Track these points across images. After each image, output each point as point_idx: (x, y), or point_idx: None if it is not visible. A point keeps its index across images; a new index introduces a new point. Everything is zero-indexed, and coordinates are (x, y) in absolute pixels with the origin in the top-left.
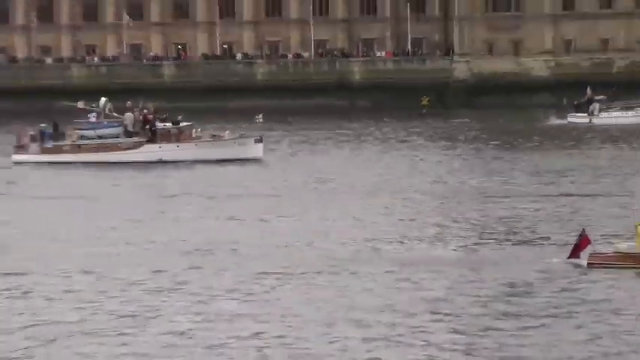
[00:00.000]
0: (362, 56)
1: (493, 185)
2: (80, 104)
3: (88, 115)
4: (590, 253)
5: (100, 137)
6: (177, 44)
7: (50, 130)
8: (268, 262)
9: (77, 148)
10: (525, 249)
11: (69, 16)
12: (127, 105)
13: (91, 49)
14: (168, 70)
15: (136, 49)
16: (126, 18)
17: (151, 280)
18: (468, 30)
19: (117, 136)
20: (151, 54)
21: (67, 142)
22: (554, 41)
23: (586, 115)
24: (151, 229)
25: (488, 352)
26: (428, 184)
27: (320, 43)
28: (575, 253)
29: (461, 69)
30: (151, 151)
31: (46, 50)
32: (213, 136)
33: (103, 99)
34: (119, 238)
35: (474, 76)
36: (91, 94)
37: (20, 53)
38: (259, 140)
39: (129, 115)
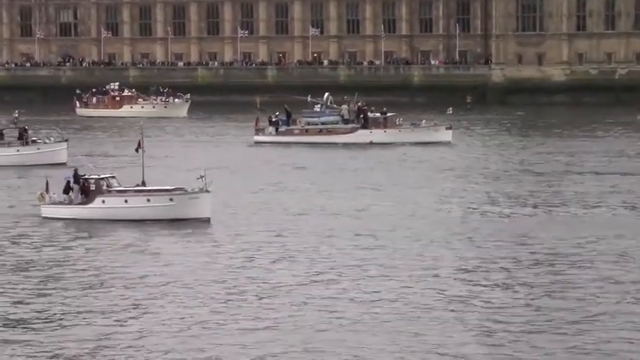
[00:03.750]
0: (420, 64)
1: None
2: (308, 98)
3: (314, 106)
4: None
5: (322, 124)
6: (278, 53)
7: (284, 117)
8: None
9: (304, 132)
10: None
11: (197, 30)
12: (344, 99)
13: (212, 56)
14: (271, 73)
15: (247, 56)
16: (241, 32)
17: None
18: (503, 44)
19: (336, 123)
20: (258, 60)
21: (297, 127)
22: (570, 54)
23: None
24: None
25: None
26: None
27: (388, 54)
28: None
29: (497, 74)
30: (363, 135)
31: (178, 56)
32: (413, 124)
33: (326, 94)
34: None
35: (507, 80)
36: (213, 89)
37: (159, 58)
38: (449, 128)
39: (345, 107)
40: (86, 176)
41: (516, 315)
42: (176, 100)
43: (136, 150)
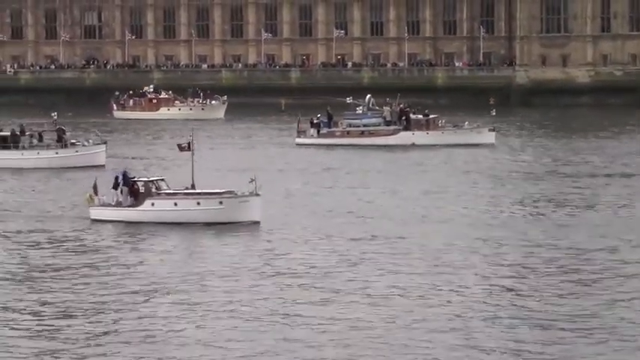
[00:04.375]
0: (444, 65)
1: None
2: (349, 99)
3: (356, 108)
4: None
5: (364, 125)
6: (302, 55)
7: (325, 119)
8: None
9: (346, 134)
10: None
11: (221, 32)
12: (386, 100)
13: (236, 58)
14: (294, 75)
15: (270, 58)
16: (264, 34)
17: None
18: (527, 46)
19: (378, 125)
20: (282, 62)
21: (339, 129)
22: (594, 55)
23: None
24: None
25: None
26: None
27: (412, 55)
28: None
29: (521, 76)
30: (405, 137)
31: (202, 58)
32: (455, 126)
33: (368, 95)
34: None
35: (531, 82)
36: (237, 91)
37: (183, 60)
38: (492, 130)
39: (387, 108)
40: (136, 178)
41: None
42: (213, 101)
43: (182, 149)
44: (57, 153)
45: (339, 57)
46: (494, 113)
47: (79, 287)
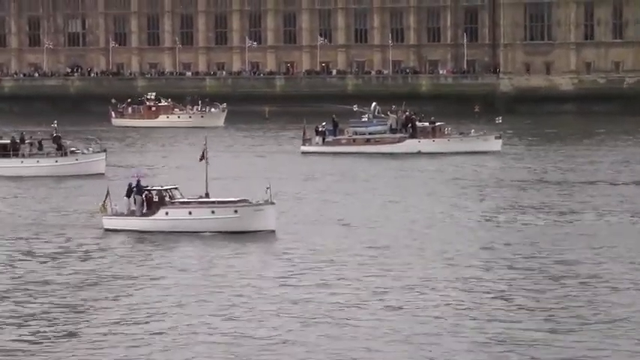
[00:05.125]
0: (428, 73)
1: None
2: (355, 107)
3: (361, 116)
4: None
5: (370, 133)
6: (286, 62)
7: (330, 127)
8: None
9: (352, 142)
10: None
11: (205, 40)
12: (392, 108)
13: (220, 66)
14: (279, 82)
15: (255, 66)
16: (249, 42)
17: None
18: (511, 54)
19: (384, 133)
20: (267, 70)
21: (344, 136)
22: (578, 63)
23: None
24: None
25: None
26: None
27: (396, 63)
28: None
29: (505, 84)
30: (411, 145)
31: (186, 66)
32: (461, 133)
33: (374, 103)
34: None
35: (515, 90)
36: (221, 98)
37: (167, 68)
38: (499, 137)
39: (393, 116)
40: (149, 187)
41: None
42: (212, 109)
43: (200, 159)
44: (57, 161)
45: (323, 64)
46: (499, 121)
47: (100, 299)
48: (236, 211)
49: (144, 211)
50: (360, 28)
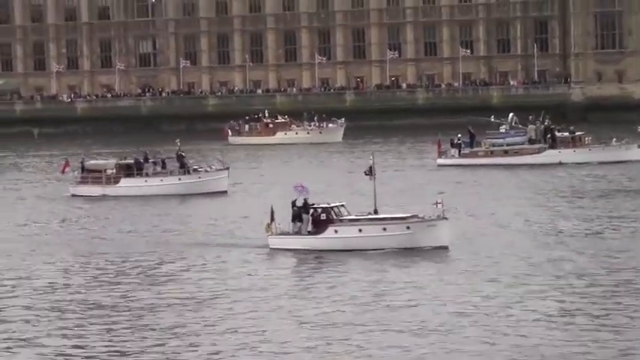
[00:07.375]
0: (499, 84)
1: None
2: (492, 118)
3: (499, 127)
4: None
5: (508, 145)
6: (356, 77)
7: (467, 139)
8: None
9: (489, 154)
10: None
11: (275, 57)
12: (530, 118)
13: (290, 82)
14: (349, 97)
15: (325, 82)
16: (318, 58)
17: None
18: (582, 63)
19: (522, 144)
20: (336, 85)
21: (481, 148)
22: None
23: None
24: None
25: None
26: None
27: (466, 75)
28: None
29: (576, 93)
30: (552, 156)
31: (256, 83)
32: (603, 142)
33: (511, 114)
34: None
35: (587, 99)
36: (294, 116)
37: (237, 86)
38: None
39: (532, 127)
40: (316, 205)
41: None
42: (330, 125)
43: (365, 173)
44: (180, 179)
45: (393, 78)
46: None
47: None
48: (408, 227)
49: (309, 229)
50: (430, 41)
